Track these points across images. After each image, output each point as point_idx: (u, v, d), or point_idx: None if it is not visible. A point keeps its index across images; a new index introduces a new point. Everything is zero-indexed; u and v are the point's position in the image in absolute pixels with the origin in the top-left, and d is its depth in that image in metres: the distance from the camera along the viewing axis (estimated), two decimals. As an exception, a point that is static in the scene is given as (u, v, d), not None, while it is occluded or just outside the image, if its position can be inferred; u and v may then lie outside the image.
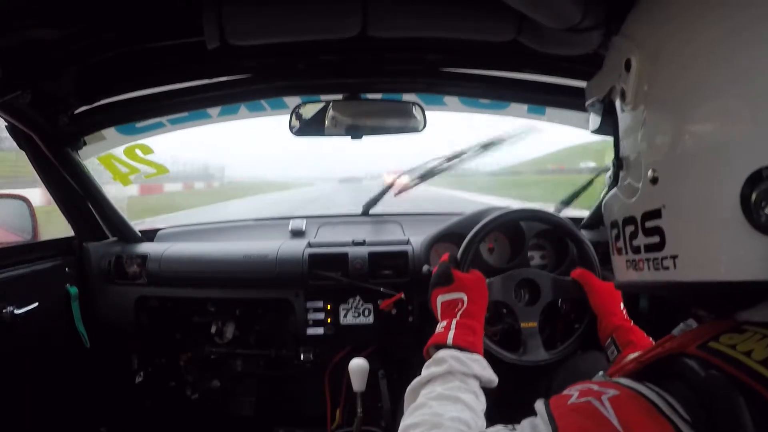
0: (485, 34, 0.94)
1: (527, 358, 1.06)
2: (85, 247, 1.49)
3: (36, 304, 1.23)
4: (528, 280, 1.13)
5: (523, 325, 1.09)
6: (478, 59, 1.18)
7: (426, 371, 0.73)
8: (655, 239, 0.45)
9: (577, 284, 1.09)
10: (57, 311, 1.37)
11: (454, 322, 0.82)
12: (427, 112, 1.37)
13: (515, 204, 1.68)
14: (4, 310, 1.14)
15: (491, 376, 0.74)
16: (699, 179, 0.41)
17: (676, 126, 0.43)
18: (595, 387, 0.42)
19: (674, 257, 0.44)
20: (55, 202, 1.43)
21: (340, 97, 1.30)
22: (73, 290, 1.40)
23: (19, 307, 1.18)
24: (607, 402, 0.39)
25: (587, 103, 0.62)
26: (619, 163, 0.53)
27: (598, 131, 0.60)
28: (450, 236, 1.40)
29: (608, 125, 0.56)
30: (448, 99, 1.61)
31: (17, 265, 1.25)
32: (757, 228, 0.38)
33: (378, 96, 1.39)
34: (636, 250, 0.49)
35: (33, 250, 1.37)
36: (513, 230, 1.34)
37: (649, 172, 0.46)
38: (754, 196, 0.37)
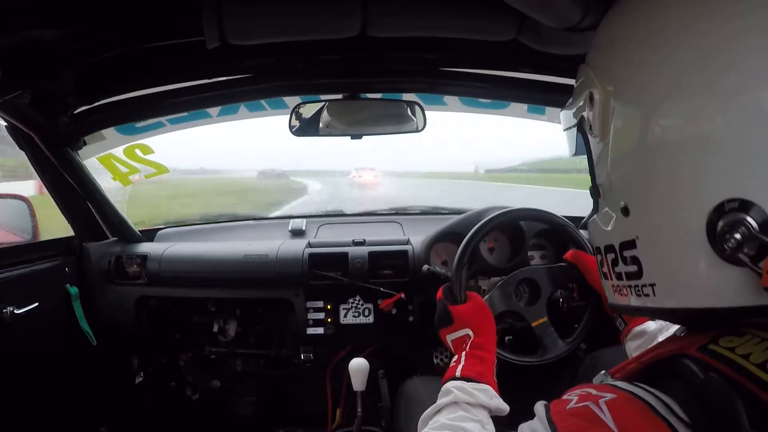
0: (485, 34, 0.94)
1: (549, 355, 1.07)
2: (85, 247, 1.49)
3: (36, 304, 1.23)
4: (525, 280, 1.14)
5: (534, 324, 1.09)
6: (478, 59, 1.18)
7: (437, 403, 0.75)
8: (634, 268, 0.47)
9: (573, 266, 1.10)
10: (57, 311, 1.37)
11: (463, 355, 0.83)
12: (426, 112, 1.37)
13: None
14: (4, 310, 1.14)
15: (499, 405, 0.74)
16: (667, 212, 0.43)
17: (641, 159, 0.44)
18: (593, 391, 0.43)
19: (653, 285, 0.45)
20: (55, 202, 1.43)
21: (340, 96, 1.30)
22: (74, 290, 1.40)
23: (19, 307, 1.18)
24: (604, 405, 0.40)
25: (563, 129, 0.62)
26: (595, 190, 0.54)
27: (576, 154, 0.60)
28: (450, 236, 1.40)
29: (584, 151, 0.56)
30: (448, 99, 1.61)
31: (17, 265, 1.25)
32: (724, 258, 0.39)
33: (378, 96, 1.39)
34: (619, 276, 0.50)
35: (33, 250, 1.37)
36: (513, 230, 1.34)
37: (621, 203, 0.47)
38: (719, 228, 0.39)
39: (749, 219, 0.37)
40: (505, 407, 0.75)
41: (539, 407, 0.46)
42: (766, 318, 0.40)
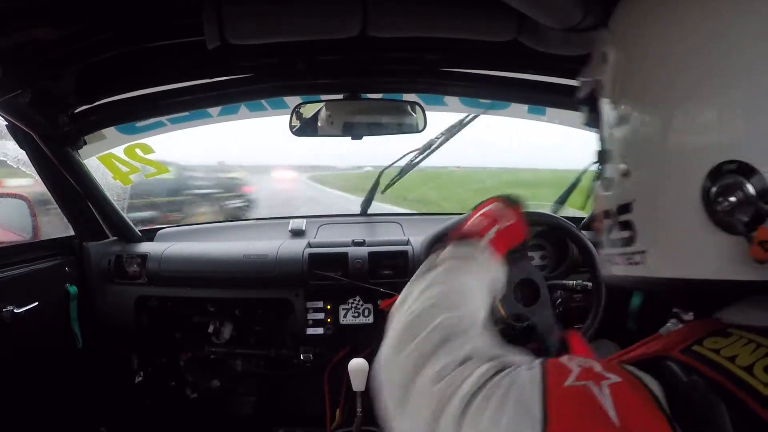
0: (485, 34, 0.94)
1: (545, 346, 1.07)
2: (85, 247, 1.49)
3: (36, 304, 1.23)
4: (526, 280, 1.14)
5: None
6: (478, 59, 1.18)
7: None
8: (627, 234, 0.46)
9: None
10: (57, 311, 1.37)
11: (494, 229, 0.67)
12: (427, 112, 1.37)
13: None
14: (4, 310, 1.14)
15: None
16: (665, 174, 0.41)
17: (645, 121, 0.44)
18: (598, 368, 0.38)
19: (642, 253, 0.44)
20: (55, 201, 1.43)
21: (340, 96, 1.30)
22: (73, 290, 1.40)
23: (19, 307, 1.18)
24: (606, 389, 0.36)
25: (579, 95, 0.60)
26: (602, 155, 0.53)
27: (588, 125, 0.59)
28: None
29: (595, 119, 0.55)
30: (448, 99, 1.61)
31: (17, 265, 1.25)
32: (716, 223, 0.38)
33: (378, 96, 1.39)
34: (613, 243, 0.48)
35: (33, 249, 1.37)
36: None
37: (622, 165, 0.46)
38: (713, 191, 0.37)
39: (747, 184, 0.36)
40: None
41: (536, 367, 0.40)
42: (757, 294, 0.38)
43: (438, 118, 1.63)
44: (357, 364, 1.25)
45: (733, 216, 0.36)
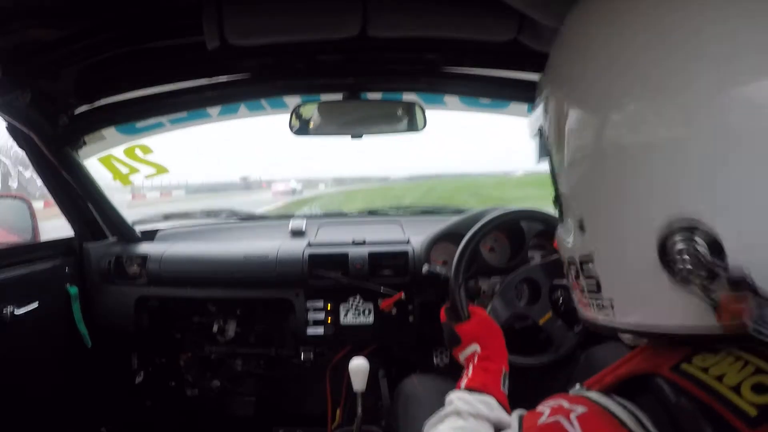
0: (485, 34, 0.95)
1: (563, 349, 1.08)
2: (85, 248, 1.49)
3: (36, 304, 1.23)
4: (523, 280, 1.14)
5: (541, 322, 1.10)
6: (478, 59, 1.18)
7: (439, 413, 0.75)
8: (593, 282, 0.46)
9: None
10: (57, 311, 1.37)
11: (471, 367, 0.84)
12: (427, 112, 1.37)
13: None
14: (4, 310, 1.14)
15: (500, 417, 0.73)
16: (618, 229, 0.41)
17: (591, 173, 0.43)
18: (566, 404, 0.42)
19: (611, 300, 0.44)
20: (55, 202, 1.43)
21: (340, 96, 1.30)
22: (73, 290, 1.40)
23: (19, 307, 1.18)
24: (575, 420, 0.39)
25: (530, 136, 0.59)
26: (557, 201, 0.52)
27: (542, 158, 0.57)
28: (450, 236, 1.40)
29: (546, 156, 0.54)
30: (448, 98, 1.61)
31: (17, 265, 1.25)
32: (676, 279, 0.38)
33: (378, 95, 1.39)
34: (582, 290, 0.49)
35: (33, 250, 1.37)
36: (513, 230, 1.34)
37: (577, 217, 0.46)
38: (668, 249, 0.38)
39: (698, 241, 0.36)
40: (505, 417, 0.73)
41: (514, 419, 0.46)
42: (729, 344, 0.38)
43: (438, 118, 1.63)
44: (357, 363, 1.25)
45: (692, 274, 0.37)
